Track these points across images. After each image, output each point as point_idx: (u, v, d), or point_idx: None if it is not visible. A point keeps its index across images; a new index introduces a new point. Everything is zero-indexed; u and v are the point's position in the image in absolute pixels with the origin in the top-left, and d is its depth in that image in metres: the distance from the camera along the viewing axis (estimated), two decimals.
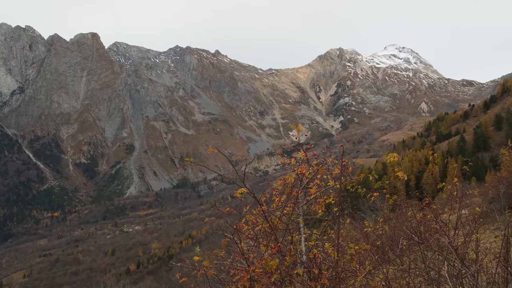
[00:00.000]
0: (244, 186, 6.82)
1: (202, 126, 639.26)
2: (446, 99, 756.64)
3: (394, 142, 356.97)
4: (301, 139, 7.26)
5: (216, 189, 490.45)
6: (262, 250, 6.83)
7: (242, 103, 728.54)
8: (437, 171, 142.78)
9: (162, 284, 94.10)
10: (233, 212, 7.36)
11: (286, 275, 6.68)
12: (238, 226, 6.98)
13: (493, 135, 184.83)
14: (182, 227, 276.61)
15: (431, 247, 8.67)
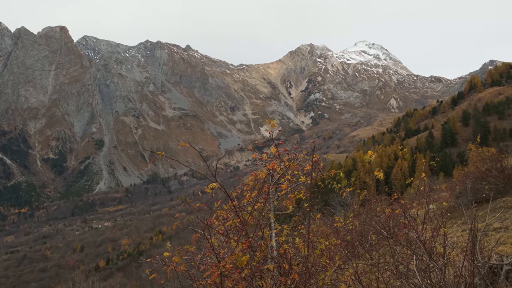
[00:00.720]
0: (216, 181, 6.81)
1: (172, 122, 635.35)
2: (415, 95, 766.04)
3: (364, 138, 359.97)
4: (273, 135, 7.28)
5: (186, 185, 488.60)
6: (233, 245, 6.83)
7: (213, 99, 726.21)
8: (406, 167, 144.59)
9: (132, 280, 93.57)
10: (204, 207, 7.33)
11: (257, 270, 6.69)
12: (209, 222, 6.95)
13: (461, 131, 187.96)
14: (152, 223, 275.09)
15: (400, 241, 8.77)
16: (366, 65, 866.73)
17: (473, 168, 27.04)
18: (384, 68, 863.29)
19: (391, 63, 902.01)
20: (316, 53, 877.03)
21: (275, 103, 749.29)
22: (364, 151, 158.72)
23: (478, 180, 24.12)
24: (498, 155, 25.61)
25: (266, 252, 6.92)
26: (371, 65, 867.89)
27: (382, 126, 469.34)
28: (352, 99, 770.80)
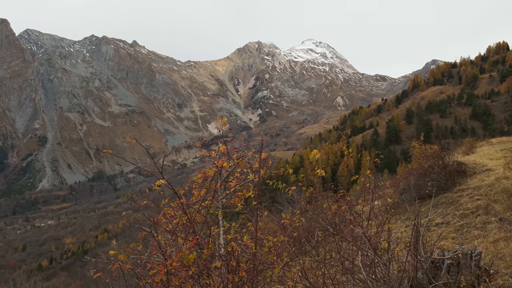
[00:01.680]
0: (163, 178, 6.73)
1: (118, 118, 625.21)
2: (360, 93, 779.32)
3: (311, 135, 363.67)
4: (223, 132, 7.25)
5: (133, 182, 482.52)
6: (180, 243, 6.76)
7: (160, 95, 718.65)
8: (352, 164, 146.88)
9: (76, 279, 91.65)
10: (151, 205, 7.24)
11: (204, 268, 6.65)
12: (156, 219, 6.87)
13: (405, 128, 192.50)
14: (98, 221, 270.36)
15: (346, 238, 8.88)
16: (313, 63, 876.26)
17: (416, 165, 27.68)
18: (331, 66, 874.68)
19: (337, 62, 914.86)
20: (264, 51, 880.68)
21: (223, 100, 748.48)
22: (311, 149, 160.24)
23: (421, 176, 24.71)
24: (440, 152, 26.31)
25: (213, 249, 6.89)
26: (318, 63, 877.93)
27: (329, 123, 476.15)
28: (299, 96, 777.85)
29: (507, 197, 18.84)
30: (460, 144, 41.88)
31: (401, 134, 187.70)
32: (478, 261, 8.38)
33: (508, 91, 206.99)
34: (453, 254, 8.26)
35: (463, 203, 20.57)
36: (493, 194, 20.00)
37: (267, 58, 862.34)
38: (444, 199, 22.55)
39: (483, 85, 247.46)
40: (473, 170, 25.95)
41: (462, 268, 8.16)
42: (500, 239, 14.15)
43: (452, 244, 15.32)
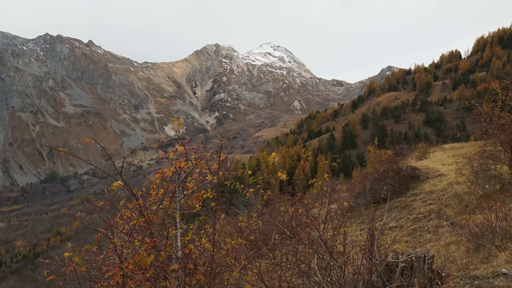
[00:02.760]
0: (121, 179, 6.64)
1: (73, 119, 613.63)
2: (317, 97, 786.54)
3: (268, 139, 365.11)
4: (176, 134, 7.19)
5: (87, 184, 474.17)
6: (137, 245, 6.68)
7: (116, 96, 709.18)
8: (308, 167, 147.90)
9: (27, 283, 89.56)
10: (106, 207, 7.13)
11: (161, 271, 6.58)
12: (112, 221, 6.76)
13: (360, 133, 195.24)
14: (50, 224, 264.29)
15: (302, 241, 8.93)
16: (271, 66, 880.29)
17: (371, 169, 28.10)
18: (289, 70, 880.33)
19: (295, 66, 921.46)
20: (222, 53, 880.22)
21: (180, 102, 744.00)
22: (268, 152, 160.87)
23: (376, 181, 25.10)
24: (394, 157, 26.79)
25: (171, 252, 6.82)
26: (275, 67, 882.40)
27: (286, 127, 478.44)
28: (257, 100, 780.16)
29: (459, 202, 19.30)
30: (414, 149, 42.73)
31: (356, 139, 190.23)
32: (431, 264, 8.56)
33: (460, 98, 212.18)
34: (407, 257, 8.41)
35: (416, 207, 20.97)
36: (445, 198, 20.46)
37: (225, 60, 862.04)
38: (398, 203, 22.96)
39: (436, 92, 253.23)
40: (426, 175, 26.49)
41: (415, 271, 8.31)
42: (452, 242, 14.48)
43: (405, 248, 15.60)
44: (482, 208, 16.35)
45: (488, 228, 12.34)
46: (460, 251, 13.07)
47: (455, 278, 9.03)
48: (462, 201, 19.21)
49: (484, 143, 19.91)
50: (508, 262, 9.67)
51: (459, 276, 9.05)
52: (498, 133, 18.47)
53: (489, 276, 8.80)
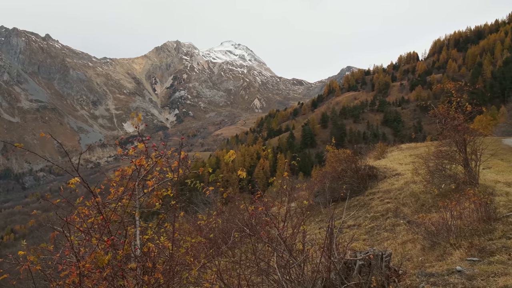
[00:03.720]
0: (79, 176, 6.51)
1: (29, 114, 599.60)
2: (277, 96, 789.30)
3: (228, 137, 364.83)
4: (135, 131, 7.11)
5: (43, 181, 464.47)
6: (94, 244, 6.56)
7: (74, 92, 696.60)
8: (268, 166, 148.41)
9: None
10: (64, 203, 6.97)
11: (119, 269, 6.48)
12: (69, 219, 6.62)
13: (320, 132, 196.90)
14: (4, 221, 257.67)
15: (262, 239, 8.93)
16: (232, 65, 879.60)
17: (330, 168, 28.34)
18: (249, 68, 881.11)
19: (255, 64, 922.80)
20: (183, 50, 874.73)
21: (140, 99, 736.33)
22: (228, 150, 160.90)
23: (335, 180, 25.34)
24: (353, 157, 27.08)
25: (129, 250, 6.72)
26: (236, 65, 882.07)
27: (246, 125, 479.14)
28: (217, 98, 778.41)
29: (415, 201, 19.64)
30: (372, 149, 43.29)
31: (316, 138, 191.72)
32: (388, 262, 8.67)
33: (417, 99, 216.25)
34: (365, 255, 8.50)
35: (374, 206, 21.26)
36: (402, 197, 20.79)
37: (185, 58, 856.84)
38: (357, 202, 23.23)
39: (394, 92, 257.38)
40: (384, 174, 26.88)
41: (373, 268, 8.41)
42: (408, 241, 14.73)
43: (363, 246, 15.79)
44: (437, 207, 16.66)
45: (443, 226, 12.58)
46: (416, 249, 13.30)
47: (411, 275, 9.18)
48: (419, 200, 19.56)
49: (440, 143, 20.32)
50: (463, 260, 9.89)
51: (415, 274, 9.21)
52: (453, 133, 18.87)
53: (444, 274, 8.97)
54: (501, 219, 12.79)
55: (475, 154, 18.70)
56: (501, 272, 8.53)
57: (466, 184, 17.95)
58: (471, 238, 11.42)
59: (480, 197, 13.40)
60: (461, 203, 14.05)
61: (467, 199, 14.09)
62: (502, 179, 19.36)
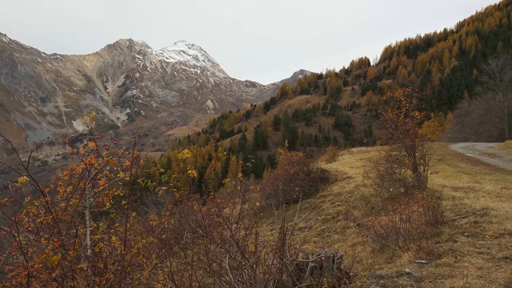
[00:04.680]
0: (28, 175, 6.32)
1: None
2: (230, 98, 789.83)
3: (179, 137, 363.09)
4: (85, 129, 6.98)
5: None
6: (43, 244, 6.39)
7: (22, 88, 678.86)
8: (220, 167, 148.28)
9: None
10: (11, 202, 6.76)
11: (69, 270, 6.33)
12: (17, 218, 6.42)
13: (272, 134, 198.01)
14: None
15: (215, 240, 8.89)
16: (185, 65, 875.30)
17: (282, 170, 28.47)
18: (202, 69, 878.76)
19: (209, 65, 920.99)
20: (135, 49, 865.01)
21: (90, 97, 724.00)
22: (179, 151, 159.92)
23: (287, 182, 25.46)
24: (305, 159, 27.29)
25: (80, 250, 6.58)
26: (189, 66, 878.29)
27: (198, 126, 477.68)
28: (170, 98, 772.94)
29: (365, 204, 19.93)
30: (324, 152, 43.68)
31: (268, 140, 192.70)
32: (339, 264, 8.76)
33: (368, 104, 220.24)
34: (317, 257, 8.56)
35: (325, 208, 21.47)
36: (353, 200, 21.07)
37: (138, 56, 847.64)
38: (308, 204, 23.41)
39: (346, 96, 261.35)
40: (335, 177, 27.18)
41: (324, 270, 8.48)
42: (358, 243, 14.92)
43: (314, 248, 15.91)
44: (387, 210, 16.95)
45: (392, 229, 12.78)
46: (366, 251, 13.48)
47: (362, 277, 9.30)
48: (369, 203, 19.86)
49: (390, 148, 20.67)
50: (411, 262, 10.07)
51: (365, 276, 9.33)
52: (403, 138, 19.24)
53: (394, 276, 9.12)
54: (448, 223, 13.09)
55: (424, 159, 19.10)
56: (448, 274, 8.72)
57: (415, 188, 18.30)
58: (419, 241, 11.64)
59: (428, 201, 13.68)
60: (410, 207, 14.34)
61: (415, 203, 14.38)
62: (449, 184, 19.83)
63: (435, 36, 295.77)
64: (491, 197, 16.49)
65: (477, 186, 19.00)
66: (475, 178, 22.07)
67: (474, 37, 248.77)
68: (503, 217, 13.13)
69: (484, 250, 10.22)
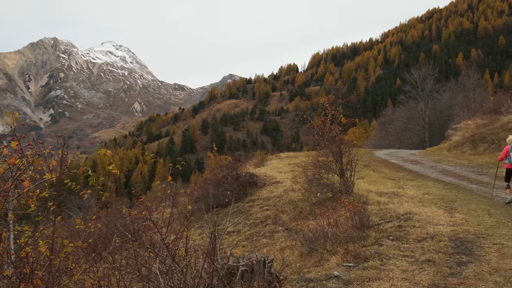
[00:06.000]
0: None
1: None
2: (158, 100, 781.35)
3: (106, 140, 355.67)
4: (4, 130, 6.67)
5: None
6: None
7: None
8: (147, 171, 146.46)
9: None
10: None
11: None
12: None
13: (200, 138, 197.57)
14: None
15: (144, 244, 8.73)
16: (112, 66, 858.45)
17: (210, 174, 28.42)
18: (130, 71, 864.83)
19: (137, 67, 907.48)
20: (60, 48, 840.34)
21: (11, 97, 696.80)
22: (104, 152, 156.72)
23: (215, 186, 25.41)
24: (234, 164, 27.34)
25: (4, 256, 6.28)
26: (117, 67, 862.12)
27: (125, 129, 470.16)
28: (96, 99, 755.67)
29: (293, 208, 20.14)
30: (252, 156, 43.89)
31: (196, 144, 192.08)
32: (270, 268, 8.79)
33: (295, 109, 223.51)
34: (248, 261, 8.55)
35: (254, 212, 21.55)
36: (281, 205, 21.24)
37: (63, 56, 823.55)
38: (237, 208, 23.44)
39: (274, 102, 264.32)
40: (264, 181, 27.34)
41: (255, 274, 8.48)
42: (286, 247, 15.07)
43: (243, 252, 15.93)
44: (315, 214, 17.18)
45: (320, 233, 12.97)
46: (294, 255, 13.62)
47: (292, 280, 9.38)
48: (297, 207, 20.08)
49: (318, 153, 20.99)
50: (339, 265, 10.25)
51: (295, 279, 9.42)
52: (330, 144, 19.60)
53: (323, 279, 9.25)
54: (374, 227, 13.42)
55: (350, 164, 19.49)
56: (375, 277, 8.93)
57: (342, 193, 18.66)
58: (347, 244, 11.87)
59: (354, 205, 13.96)
60: (337, 211, 14.60)
61: (342, 207, 14.66)
62: (374, 189, 20.35)
63: (361, 45, 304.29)
64: (414, 202, 17.04)
65: (400, 191, 19.60)
66: (398, 183, 22.78)
67: (398, 48, 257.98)
68: (425, 221, 13.62)
69: (408, 253, 10.55)
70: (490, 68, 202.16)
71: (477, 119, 44.37)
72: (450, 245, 10.92)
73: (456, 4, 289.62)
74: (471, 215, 14.56)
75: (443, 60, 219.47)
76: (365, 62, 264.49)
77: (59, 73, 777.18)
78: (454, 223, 13.36)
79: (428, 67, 74.52)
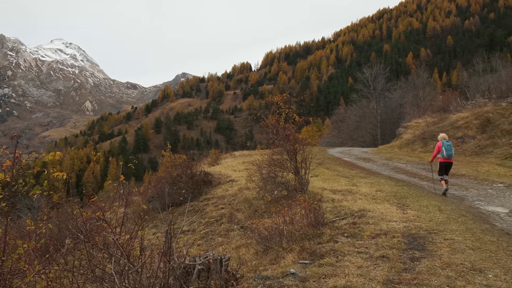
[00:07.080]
0: None
1: None
2: (110, 99, 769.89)
3: (56, 139, 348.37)
4: None
5: None
6: None
7: None
8: (99, 170, 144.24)
9: None
10: None
11: None
12: None
13: (153, 137, 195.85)
14: None
15: (97, 245, 8.59)
16: (62, 64, 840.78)
17: (164, 173, 28.19)
18: (81, 69, 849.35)
19: (88, 65, 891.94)
20: (7, 45, 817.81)
21: None
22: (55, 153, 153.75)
23: (170, 185, 25.21)
24: (188, 162, 27.19)
25: None
26: (67, 65, 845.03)
27: (76, 128, 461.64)
28: (45, 98, 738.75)
29: (248, 207, 20.15)
30: (206, 155, 43.74)
31: (149, 143, 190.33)
32: (227, 266, 8.78)
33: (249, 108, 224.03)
34: (204, 260, 8.52)
35: (209, 211, 21.47)
36: (236, 203, 21.22)
37: (10, 53, 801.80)
38: (191, 207, 23.30)
39: (228, 101, 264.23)
40: (219, 180, 27.28)
41: (212, 273, 8.45)
42: (242, 245, 15.06)
43: (198, 251, 15.85)
44: (270, 212, 17.21)
45: (276, 231, 13.01)
46: (250, 253, 13.63)
47: (248, 279, 9.38)
48: (252, 206, 20.09)
49: (273, 152, 21.03)
50: (295, 263, 10.31)
51: (252, 277, 9.43)
52: (284, 143, 19.69)
53: (279, 276, 9.29)
54: (328, 224, 13.54)
55: (305, 162, 19.59)
56: (331, 274, 9.02)
57: (297, 191, 18.76)
58: (302, 242, 11.93)
59: (309, 203, 14.04)
60: (293, 209, 14.66)
61: (298, 205, 14.71)
62: (328, 187, 20.54)
63: (314, 45, 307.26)
64: (367, 199, 17.29)
65: (354, 189, 19.85)
66: (352, 181, 23.08)
67: (350, 47, 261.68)
68: (379, 218, 13.83)
69: (363, 250, 10.69)
70: (439, 67, 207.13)
71: (427, 117, 45.44)
72: (403, 241, 11.12)
73: (405, 4, 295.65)
74: (422, 211, 14.87)
75: (394, 59, 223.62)
76: (317, 61, 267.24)
77: (6, 71, 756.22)
78: (407, 219, 13.62)
79: (379, 66, 75.76)
